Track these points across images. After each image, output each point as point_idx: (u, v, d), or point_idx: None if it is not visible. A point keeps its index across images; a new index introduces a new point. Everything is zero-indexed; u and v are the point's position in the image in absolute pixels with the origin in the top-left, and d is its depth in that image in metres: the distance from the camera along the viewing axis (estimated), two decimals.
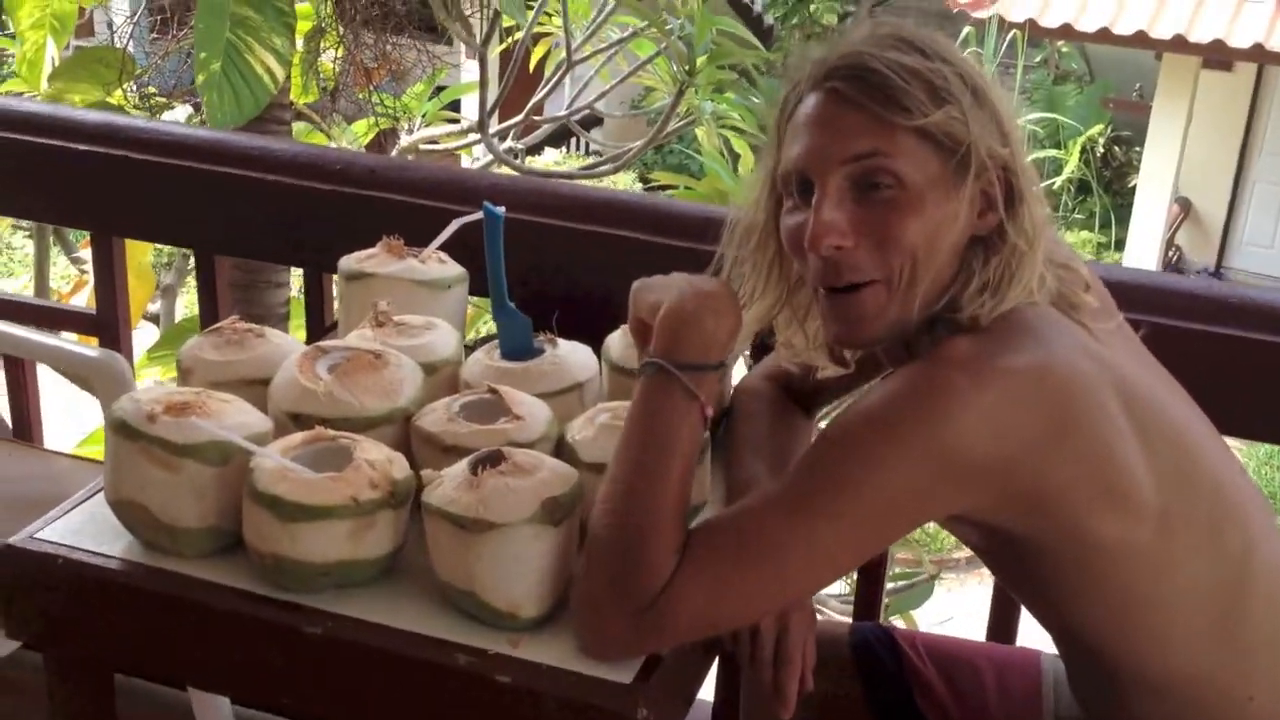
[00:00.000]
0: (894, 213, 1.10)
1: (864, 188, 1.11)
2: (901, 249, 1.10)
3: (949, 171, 1.11)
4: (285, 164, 1.81)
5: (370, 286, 1.50)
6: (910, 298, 1.12)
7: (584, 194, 1.77)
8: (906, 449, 1.06)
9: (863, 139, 1.10)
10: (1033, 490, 1.10)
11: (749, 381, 1.49)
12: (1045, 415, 1.08)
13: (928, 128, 1.09)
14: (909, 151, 1.10)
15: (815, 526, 1.07)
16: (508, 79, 4.10)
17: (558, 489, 1.11)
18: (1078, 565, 1.14)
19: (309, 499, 1.10)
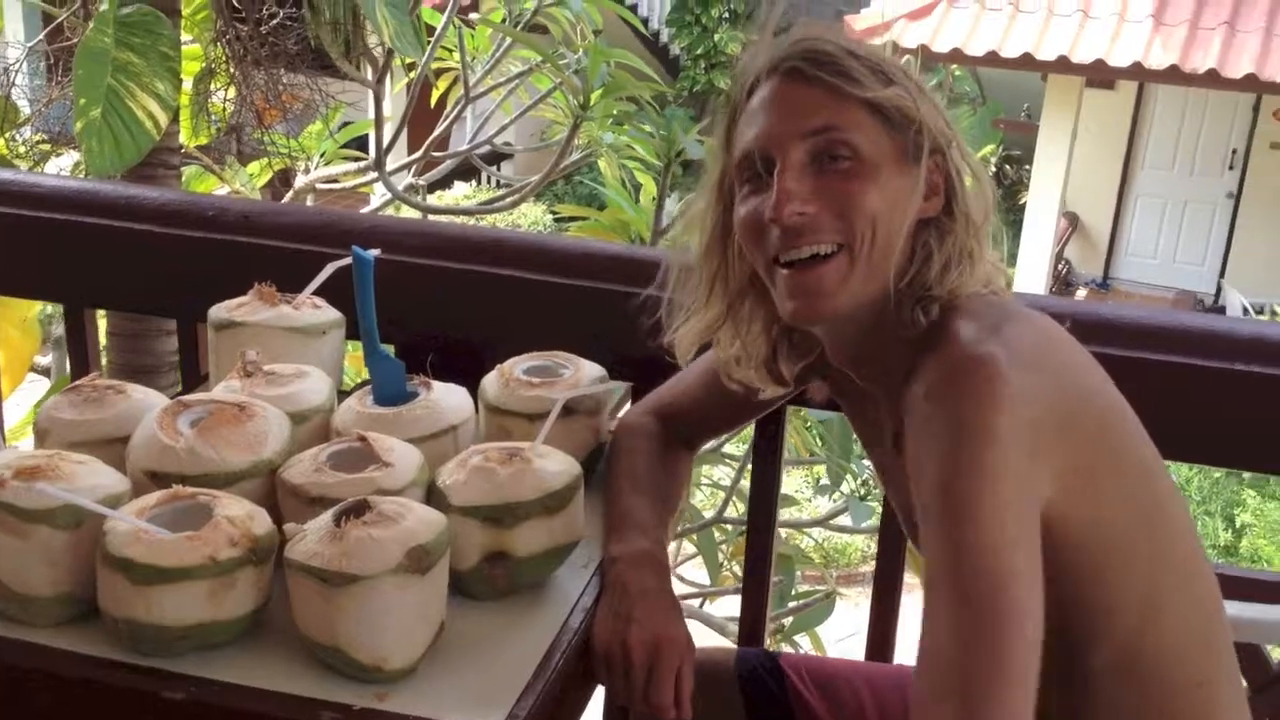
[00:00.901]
0: (853, 181, 1.14)
1: (823, 160, 1.15)
2: (863, 214, 1.14)
3: (901, 149, 1.15)
4: (154, 213, 1.78)
5: (240, 336, 1.47)
6: (872, 271, 1.15)
7: (462, 233, 1.77)
8: (997, 444, 1.04)
9: (820, 113, 1.15)
10: (1093, 440, 1.11)
11: (630, 417, 1.49)
12: (1073, 371, 1.13)
13: (880, 101, 1.14)
14: (863, 124, 1.15)
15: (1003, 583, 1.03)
16: (405, 115, 4.08)
17: (424, 537, 1.09)
18: (1100, 545, 1.13)
19: (164, 561, 1.07)
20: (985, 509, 1.03)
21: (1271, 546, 6.98)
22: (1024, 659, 1.01)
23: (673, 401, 1.46)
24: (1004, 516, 1.04)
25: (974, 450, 1.04)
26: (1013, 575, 1.02)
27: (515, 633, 1.18)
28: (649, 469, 1.39)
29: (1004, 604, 1.01)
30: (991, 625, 1.01)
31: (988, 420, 1.05)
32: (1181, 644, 1.17)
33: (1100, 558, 1.13)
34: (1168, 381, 1.49)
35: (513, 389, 1.41)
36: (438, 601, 1.12)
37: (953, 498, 1.05)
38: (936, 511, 1.06)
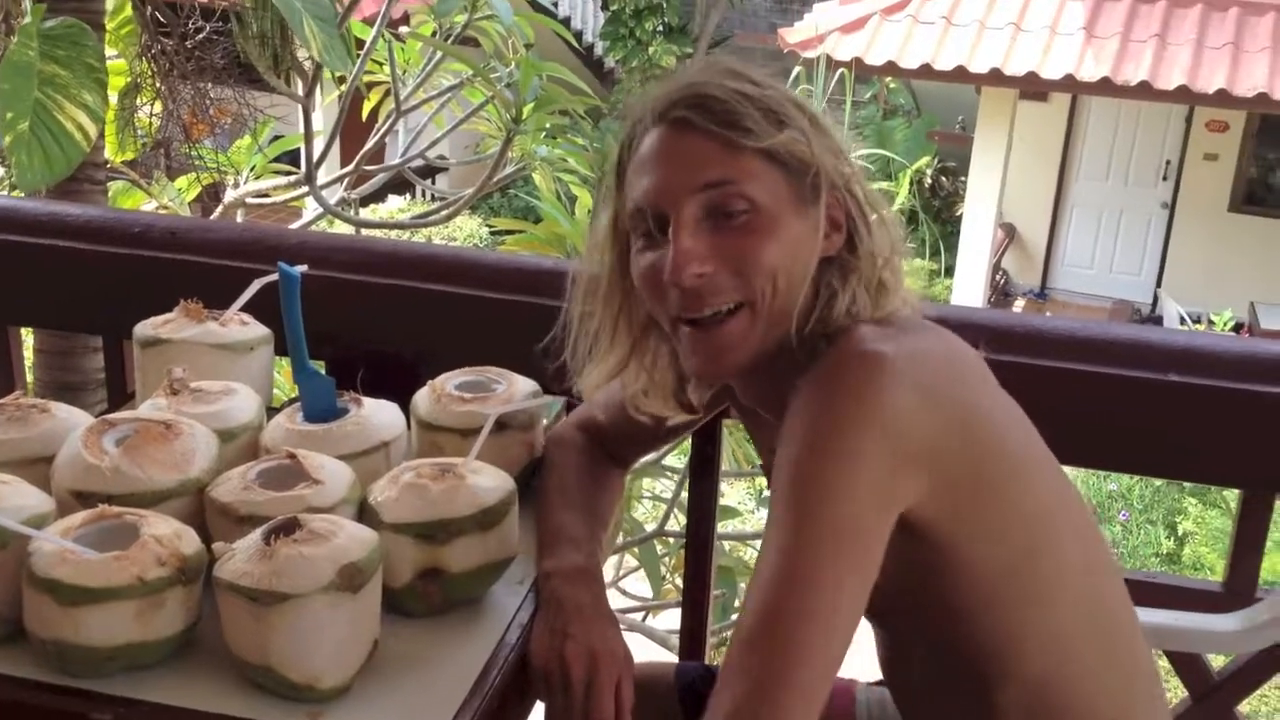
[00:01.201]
0: (751, 236, 1.11)
1: (718, 215, 1.12)
2: (762, 270, 1.11)
3: (798, 193, 1.13)
4: (78, 229, 1.76)
5: (167, 353, 1.46)
6: (775, 321, 1.14)
7: (391, 248, 1.76)
8: (860, 441, 1.03)
9: (713, 166, 1.11)
10: (966, 463, 1.10)
11: (560, 431, 1.49)
12: (965, 384, 1.11)
13: (774, 149, 1.12)
14: (758, 174, 1.11)
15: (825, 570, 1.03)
16: (335, 129, 4.06)
17: (357, 553, 1.09)
18: (987, 562, 1.13)
19: (91, 581, 1.05)
20: (825, 492, 1.03)
21: (1213, 554, 7.10)
22: (817, 662, 1.01)
23: (602, 418, 1.46)
24: (840, 509, 1.03)
25: (838, 436, 1.04)
26: (823, 576, 1.02)
27: (451, 649, 1.17)
28: (579, 483, 1.39)
29: (811, 599, 1.01)
30: (793, 622, 1.01)
31: (861, 409, 1.04)
32: (1095, 680, 1.17)
33: (994, 592, 1.13)
34: (1099, 392, 1.51)
35: (445, 405, 1.41)
36: (371, 619, 1.12)
37: (799, 473, 1.05)
38: (782, 482, 1.06)
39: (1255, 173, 11.30)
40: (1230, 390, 1.48)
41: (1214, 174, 11.26)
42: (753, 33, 14.33)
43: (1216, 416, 1.51)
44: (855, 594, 1.04)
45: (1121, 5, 9.77)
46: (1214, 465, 1.59)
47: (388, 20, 3.51)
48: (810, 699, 1.00)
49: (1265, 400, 1.48)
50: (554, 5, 12.54)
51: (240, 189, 4.42)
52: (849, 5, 10.39)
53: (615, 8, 13.11)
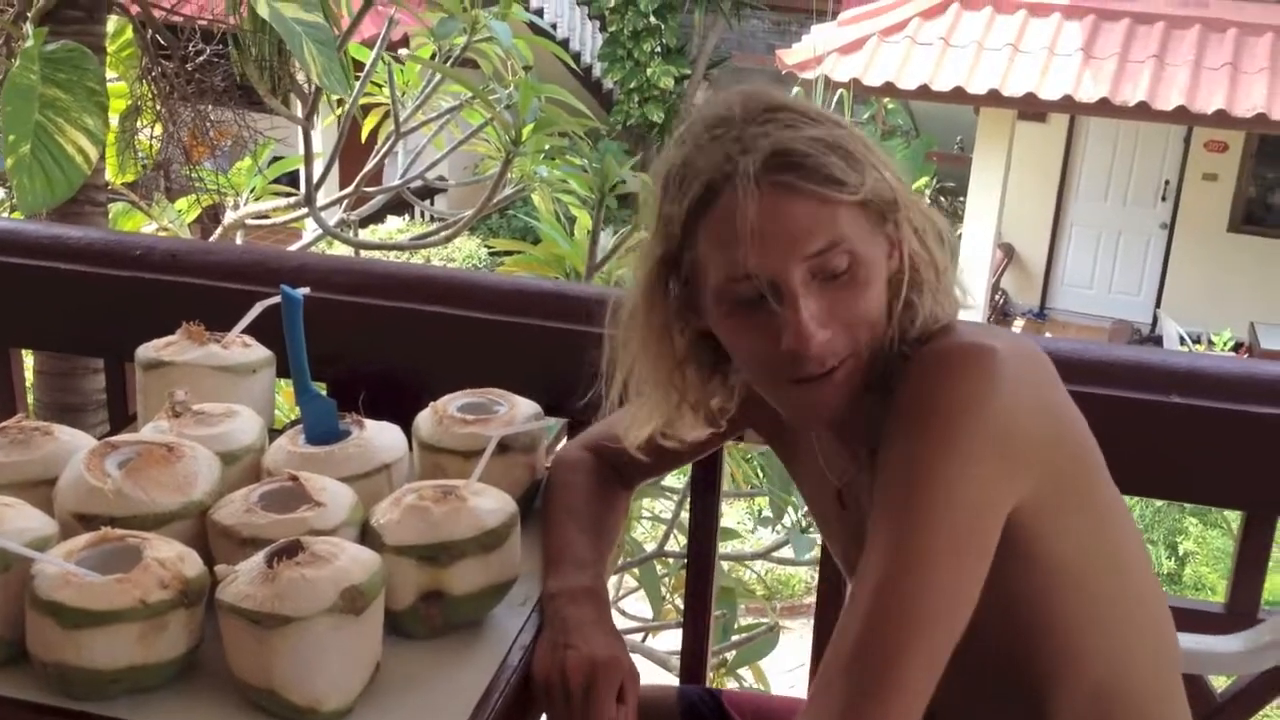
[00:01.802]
0: (857, 291, 1.10)
1: (825, 276, 1.09)
2: (868, 322, 1.11)
3: (877, 228, 1.12)
4: (79, 252, 1.76)
5: (169, 375, 1.46)
6: (874, 360, 1.13)
7: (391, 270, 1.76)
8: (974, 440, 1.03)
9: (819, 231, 1.08)
10: (1066, 462, 1.10)
11: (567, 451, 1.49)
12: (1056, 383, 1.12)
13: (866, 197, 1.09)
14: (855, 225, 1.09)
15: (942, 574, 1.02)
16: (335, 151, 4.07)
17: (358, 577, 1.09)
18: (1076, 567, 1.12)
19: (94, 604, 1.05)
20: (936, 492, 1.02)
21: (1215, 574, 7.09)
22: (931, 645, 1.01)
23: (613, 439, 1.46)
24: (957, 513, 1.02)
25: (948, 429, 1.03)
26: (939, 564, 1.02)
27: (453, 671, 1.17)
28: (587, 504, 1.39)
29: (925, 584, 1.01)
30: (899, 614, 1.01)
31: (971, 401, 1.03)
32: (1147, 695, 1.17)
33: (1066, 594, 1.12)
34: (1101, 414, 1.50)
35: (447, 426, 1.41)
36: (373, 641, 1.12)
37: (908, 474, 1.04)
38: (887, 486, 1.05)
39: (1254, 192, 11.33)
40: (1232, 412, 1.48)
41: (1213, 194, 11.29)
42: (751, 54, 14.39)
43: (1218, 438, 1.51)
44: (968, 601, 1.03)
45: (1119, 26, 9.81)
46: (1216, 487, 1.59)
47: (387, 43, 3.52)
48: (915, 707, 1.00)
49: (1266, 421, 1.48)
50: (553, 27, 12.60)
51: (240, 210, 4.43)
52: (847, 26, 10.43)
53: (613, 29, 13.16)
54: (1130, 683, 1.16)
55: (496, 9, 3.56)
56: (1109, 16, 9.91)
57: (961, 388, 1.05)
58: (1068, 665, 1.14)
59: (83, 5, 3.00)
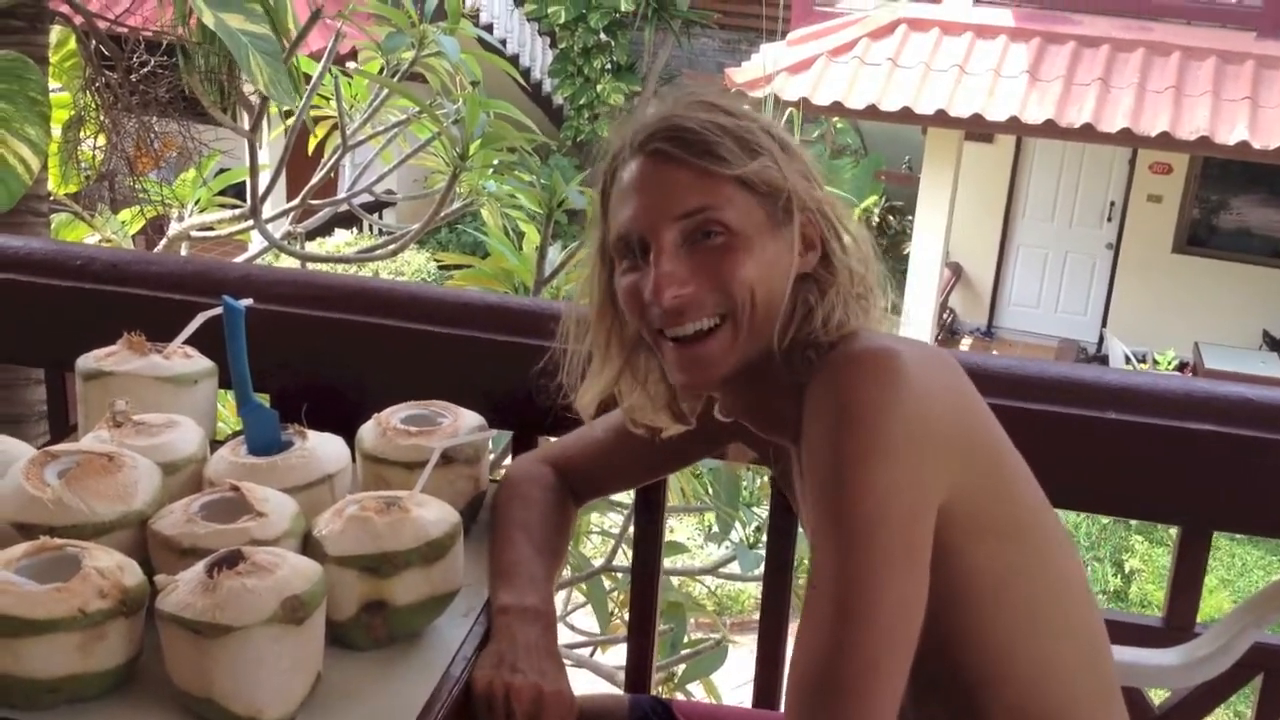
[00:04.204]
0: (727, 254, 1.16)
1: (696, 238, 1.17)
2: (741, 284, 1.16)
3: (771, 216, 1.18)
4: (19, 261, 1.74)
5: (109, 385, 1.45)
6: (756, 333, 1.18)
7: (336, 283, 1.75)
8: (891, 436, 1.05)
9: (690, 196, 1.17)
10: (983, 456, 1.13)
11: (525, 465, 1.49)
12: (967, 385, 1.15)
13: (746, 176, 1.16)
14: (733, 200, 1.17)
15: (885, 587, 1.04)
16: (281, 162, 4.04)
17: (300, 586, 1.08)
18: (996, 563, 1.15)
19: (32, 613, 1.04)
20: (868, 503, 1.04)
21: (1160, 591, 7.18)
22: (894, 659, 1.03)
23: (576, 455, 1.47)
24: (892, 522, 1.05)
25: (863, 436, 1.05)
26: (890, 570, 1.04)
27: (395, 681, 1.17)
28: (542, 521, 1.39)
29: (879, 600, 1.03)
30: (864, 621, 1.03)
31: (885, 403, 1.06)
32: (1076, 701, 1.19)
33: (985, 601, 1.14)
34: (1041, 430, 1.52)
35: (390, 438, 1.41)
36: (314, 652, 1.11)
37: (836, 488, 1.06)
38: (820, 497, 1.07)
39: (1198, 214, 11.50)
40: (1167, 428, 1.51)
41: (1158, 215, 11.45)
42: (701, 72, 14.44)
43: (1154, 453, 1.54)
44: (920, 605, 1.06)
45: (1065, 49, 9.95)
46: (1152, 502, 1.61)
47: (334, 56, 3.51)
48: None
49: (1201, 437, 1.50)
50: (502, 43, 12.60)
51: (185, 222, 4.39)
52: (796, 46, 10.51)
53: (564, 46, 13.18)
54: (1058, 695, 1.17)
55: (445, 24, 3.56)
56: (1055, 40, 10.05)
57: (872, 391, 1.08)
58: (991, 675, 1.16)
59: (24, 15, 2.97)
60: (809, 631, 1.06)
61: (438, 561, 1.22)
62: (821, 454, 1.08)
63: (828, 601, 1.05)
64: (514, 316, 1.65)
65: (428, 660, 1.21)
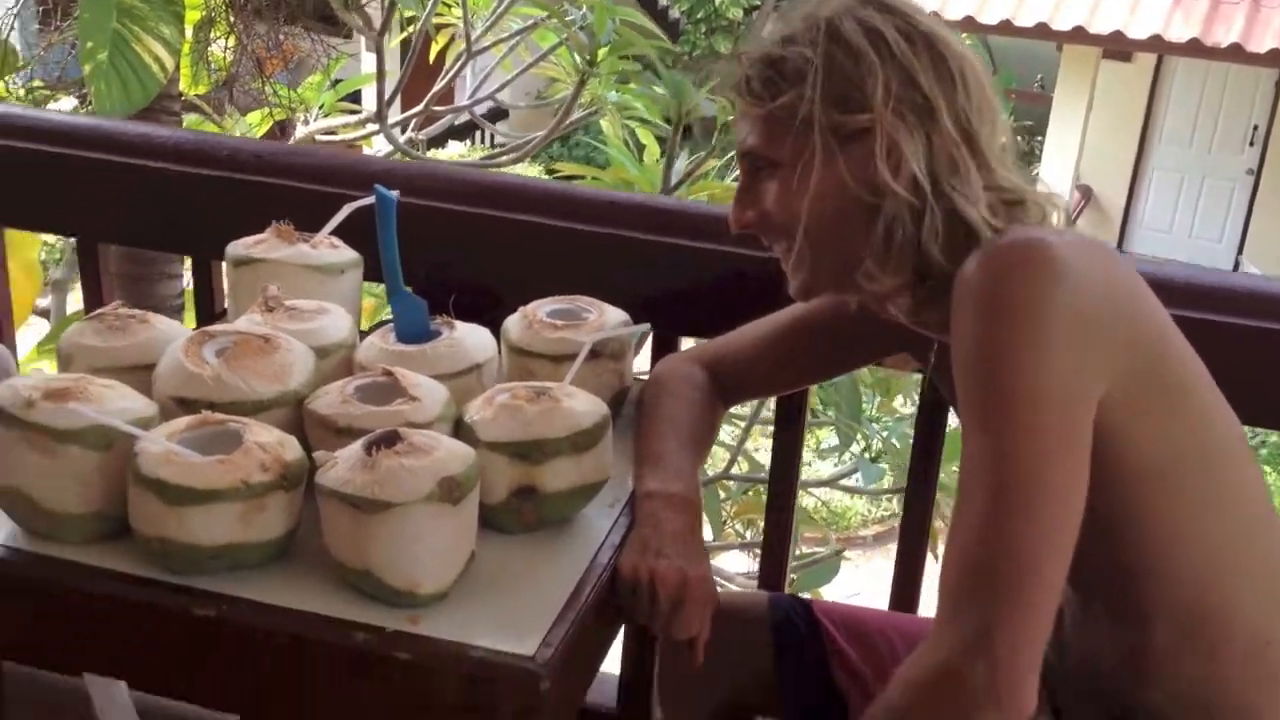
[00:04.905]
0: (771, 190, 1.20)
1: (754, 172, 1.22)
2: (781, 215, 1.19)
3: (822, 143, 1.16)
4: (169, 151, 1.76)
5: (259, 272, 1.46)
6: (821, 255, 1.20)
7: (478, 178, 1.75)
8: (1041, 334, 1.02)
9: (746, 135, 1.21)
10: (1151, 357, 1.09)
11: (676, 364, 1.49)
12: (1126, 277, 1.11)
13: (777, 112, 1.17)
14: (774, 134, 1.18)
15: (1046, 474, 1.02)
16: (405, 69, 4.06)
17: (456, 468, 1.09)
18: (1161, 452, 1.11)
19: (196, 482, 1.06)
20: (1026, 391, 1.02)
21: None
22: (1055, 552, 1.01)
23: (728, 356, 1.46)
24: (1050, 410, 1.02)
25: (1020, 326, 1.03)
26: (1050, 463, 1.01)
27: (544, 565, 1.18)
28: (691, 417, 1.39)
29: (1038, 491, 1.01)
30: (1023, 514, 1.00)
31: (1038, 292, 1.03)
32: (1249, 599, 1.14)
33: (1153, 496, 1.11)
34: (1223, 342, 1.43)
35: (536, 330, 1.41)
36: (468, 531, 1.12)
37: (991, 376, 1.03)
38: (972, 391, 1.05)
39: None
40: None
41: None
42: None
43: None
44: (1080, 495, 1.03)
45: None
46: None
47: None
48: (1045, 617, 1.01)
49: None
50: None
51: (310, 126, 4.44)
52: None
53: None
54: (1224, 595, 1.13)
55: None
56: None
57: (1024, 280, 1.04)
58: (1153, 568, 1.12)
59: None
60: (963, 526, 1.04)
61: (587, 451, 1.22)
62: (973, 346, 1.06)
63: (983, 493, 1.03)
64: (661, 217, 1.64)
65: (576, 546, 1.22)
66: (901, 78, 1.14)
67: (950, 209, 1.13)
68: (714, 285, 1.63)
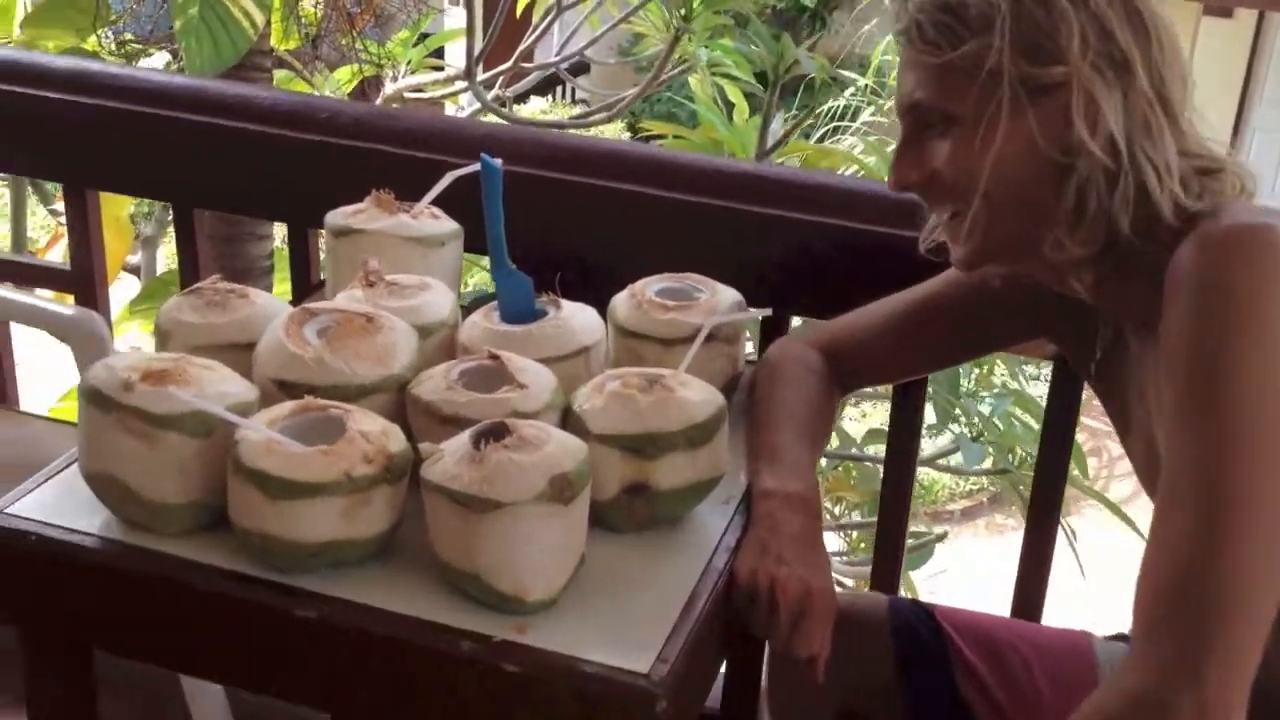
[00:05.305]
0: (947, 148, 1.10)
1: (921, 128, 1.12)
2: (961, 179, 1.09)
3: (1010, 98, 1.06)
4: (266, 113, 1.71)
5: (359, 243, 1.41)
6: (997, 221, 1.10)
7: (586, 145, 1.68)
8: (1269, 333, 0.94)
9: (914, 86, 1.11)
10: None
11: (793, 348, 1.40)
12: None
13: (959, 62, 1.06)
14: (948, 87, 1.08)
15: (1263, 488, 0.93)
16: (495, 25, 3.99)
17: (567, 465, 1.03)
18: None
19: (299, 474, 1.01)
20: (1250, 397, 0.93)
21: None
22: (1272, 585, 0.92)
23: (848, 339, 1.38)
24: (1271, 407, 0.93)
25: (1247, 322, 0.94)
26: (1270, 476, 0.92)
27: (656, 569, 1.12)
28: (807, 408, 1.31)
29: (1256, 510, 0.92)
30: (1238, 534, 0.91)
31: (1266, 286, 0.94)
32: None
33: None
34: None
35: (646, 311, 1.34)
36: (579, 533, 1.06)
37: (1210, 378, 0.95)
38: (1184, 393, 0.97)
39: None
40: None
41: None
42: None
43: None
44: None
45: None
46: None
47: None
48: (1258, 648, 0.92)
49: None
50: None
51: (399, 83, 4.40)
52: None
53: None
54: None
55: None
56: None
57: (1251, 273, 0.96)
58: None
59: None
60: (1168, 543, 0.95)
61: (703, 445, 1.15)
62: (1189, 343, 0.97)
63: (1193, 507, 0.94)
64: (771, 186, 1.56)
65: (690, 548, 1.15)
66: (1096, 28, 1.04)
67: (1141, 175, 1.05)
68: (829, 262, 1.55)
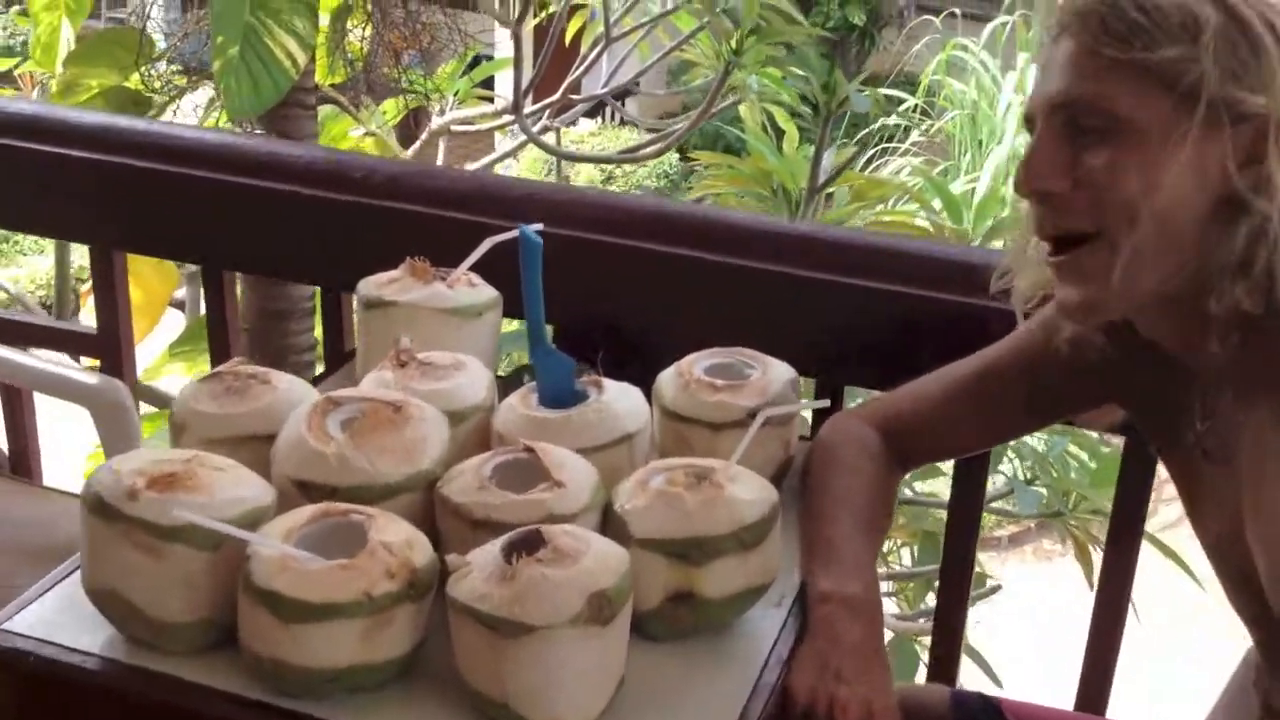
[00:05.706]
0: (1110, 158, 0.99)
1: (1077, 129, 1.01)
2: (1117, 195, 0.98)
3: (1185, 116, 0.96)
4: (300, 172, 1.64)
5: (392, 315, 1.33)
6: (1145, 260, 0.99)
7: (633, 205, 1.60)
8: None
9: (1076, 80, 1.00)
10: None
11: (849, 426, 1.30)
12: None
13: (1151, 64, 0.96)
14: (1127, 91, 0.98)
15: None
16: (544, 56, 3.95)
17: (606, 580, 0.94)
18: None
19: (314, 595, 0.93)
20: None
21: None
22: None
23: (907, 413, 1.28)
24: None
25: None
26: None
27: (703, 686, 1.02)
28: (868, 496, 1.21)
29: None
30: None
31: None
32: None
33: None
34: None
35: (693, 392, 1.25)
36: (618, 653, 0.98)
37: None
38: None
39: None
40: None
41: None
42: None
43: None
44: None
45: None
46: None
47: None
48: None
49: None
50: None
51: (445, 116, 4.36)
52: None
53: None
54: None
55: None
56: None
57: None
58: None
59: None
60: None
61: (754, 548, 1.06)
62: None
63: None
64: (825, 249, 1.47)
65: (738, 659, 1.06)
66: None
67: None
68: (886, 330, 1.46)
